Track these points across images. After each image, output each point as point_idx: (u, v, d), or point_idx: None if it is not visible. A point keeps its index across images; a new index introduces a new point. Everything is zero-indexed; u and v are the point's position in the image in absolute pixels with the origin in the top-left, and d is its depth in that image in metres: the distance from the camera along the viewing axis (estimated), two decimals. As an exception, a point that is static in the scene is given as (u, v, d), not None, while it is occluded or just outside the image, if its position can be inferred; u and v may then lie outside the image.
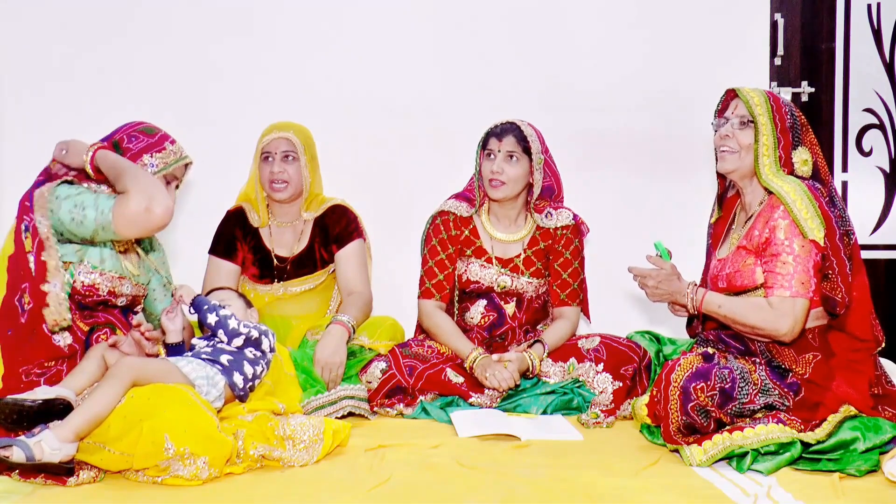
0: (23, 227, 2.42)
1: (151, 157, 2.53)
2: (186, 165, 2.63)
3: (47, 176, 2.51)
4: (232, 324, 2.57)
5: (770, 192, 2.54)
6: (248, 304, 2.79)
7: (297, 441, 2.38)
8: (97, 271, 2.49)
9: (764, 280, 2.50)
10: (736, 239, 2.64)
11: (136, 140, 2.54)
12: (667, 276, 2.61)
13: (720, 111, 2.68)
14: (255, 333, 2.60)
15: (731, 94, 2.66)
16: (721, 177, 2.73)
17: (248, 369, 2.54)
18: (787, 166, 2.55)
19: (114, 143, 2.53)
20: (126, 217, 2.33)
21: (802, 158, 2.56)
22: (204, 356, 2.51)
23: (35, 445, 2.13)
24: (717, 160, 2.67)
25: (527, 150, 3.05)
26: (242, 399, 2.52)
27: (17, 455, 2.12)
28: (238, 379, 2.50)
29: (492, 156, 3.06)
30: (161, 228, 2.37)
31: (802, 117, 2.61)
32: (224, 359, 2.52)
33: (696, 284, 2.61)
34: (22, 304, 2.40)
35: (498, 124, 3.08)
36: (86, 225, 2.37)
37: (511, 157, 3.04)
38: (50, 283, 2.39)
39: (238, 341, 2.58)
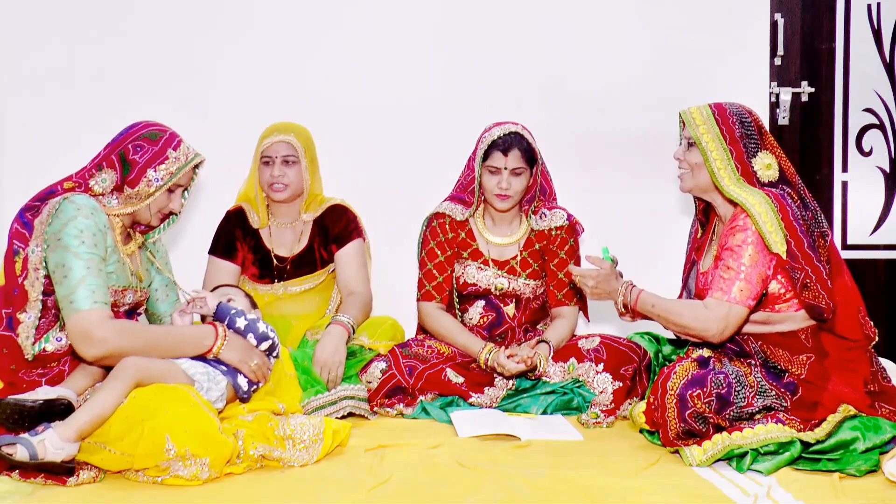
0: (14, 251, 2.42)
1: (155, 171, 2.49)
2: (196, 167, 2.59)
3: (45, 197, 2.48)
4: (261, 328, 2.58)
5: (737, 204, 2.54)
6: (254, 305, 2.79)
7: (297, 441, 2.38)
8: None
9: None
10: (714, 251, 2.65)
11: (140, 151, 2.50)
12: (606, 276, 2.64)
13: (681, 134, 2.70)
14: (276, 340, 2.62)
15: (679, 118, 2.68)
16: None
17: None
18: (748, 175, 2.53)
19: (121, 154, 2.50)
20: (72, 330, 2.32)
21: (765, 163, 2.54)
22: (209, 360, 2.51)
23: (38, 444, 2.13)
24: None
25: (530, 161, 3.05)
26: (245, 400, 2.52)
27: (20, 453, 2.12)
28: (242, 381, 2.50)
29: (497, 172, 3.03)
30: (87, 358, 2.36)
31: (759, 122, 2.58)
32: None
33: (631, 284, 2.63)
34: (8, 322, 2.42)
35: (501, 136, 3.02)
36: (58, 289, 2.34)
37: (516, 172, 3.03)
38: (27, 312, 2.39)
39: (265, 345, 2.58)
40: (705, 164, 2.55)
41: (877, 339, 2.58)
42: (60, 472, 2.19)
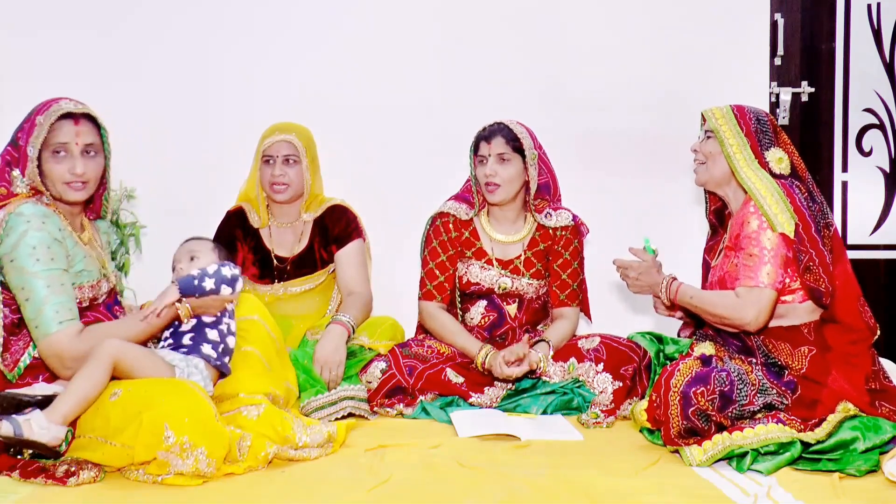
0: None
1: (29, 144, 2.38)
2: (68, 118, 2.40)
3: None
4: (225, 271, 2.49)
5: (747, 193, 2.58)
6: (221, 255, 2.68)
7: (314, 447, 2.44)
8: (76, 286, 2.43)
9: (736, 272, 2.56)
10: (726, 243, 2.67)
11: (21, 132, 2.41)
12: (647, 268, 2.69)
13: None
14: (239, 271, 2.55)
15: (701, 116, 2.75)
16: (706, 192, 2.79)
17: (213, 334, 2.51)
18: (762, 164, 2.60)
19: (14, 144, 2.42)
20: (44, 353, 2.32)
21: (777, 157, 2.62)
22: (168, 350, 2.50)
23: (24, 423, 2.15)
24: None
25: (517, 149, 3.05)
26: (222, 369, 2.51)
27: (5, 429, 2.14)
28: (208, 349, 2.48)
29: (484, 160, 3.06)
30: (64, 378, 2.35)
31: (774, 122, 2.68)
32: (186, 339, 2.49)
33: (672, 277, 2.68)
34: None
35: (486, 127, 3.08)
36: (23, 312, 2.32)
37: (502, 158, 3.04)
38: None
39: (240, 284, 2.54)
40: (722, 150, 2.62)
41: (879, 332, 2.61)
42: (48, 454, 2.20)
